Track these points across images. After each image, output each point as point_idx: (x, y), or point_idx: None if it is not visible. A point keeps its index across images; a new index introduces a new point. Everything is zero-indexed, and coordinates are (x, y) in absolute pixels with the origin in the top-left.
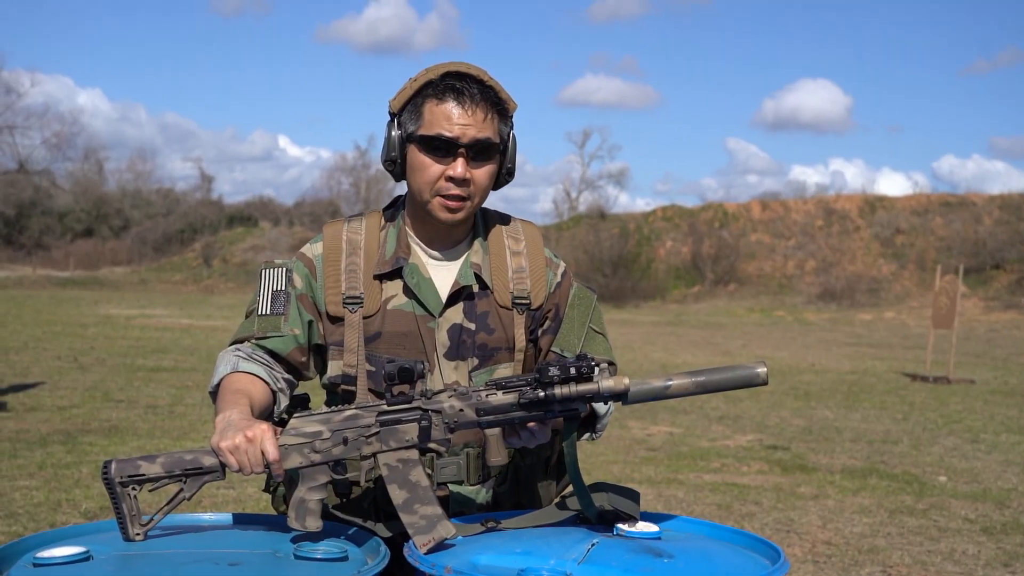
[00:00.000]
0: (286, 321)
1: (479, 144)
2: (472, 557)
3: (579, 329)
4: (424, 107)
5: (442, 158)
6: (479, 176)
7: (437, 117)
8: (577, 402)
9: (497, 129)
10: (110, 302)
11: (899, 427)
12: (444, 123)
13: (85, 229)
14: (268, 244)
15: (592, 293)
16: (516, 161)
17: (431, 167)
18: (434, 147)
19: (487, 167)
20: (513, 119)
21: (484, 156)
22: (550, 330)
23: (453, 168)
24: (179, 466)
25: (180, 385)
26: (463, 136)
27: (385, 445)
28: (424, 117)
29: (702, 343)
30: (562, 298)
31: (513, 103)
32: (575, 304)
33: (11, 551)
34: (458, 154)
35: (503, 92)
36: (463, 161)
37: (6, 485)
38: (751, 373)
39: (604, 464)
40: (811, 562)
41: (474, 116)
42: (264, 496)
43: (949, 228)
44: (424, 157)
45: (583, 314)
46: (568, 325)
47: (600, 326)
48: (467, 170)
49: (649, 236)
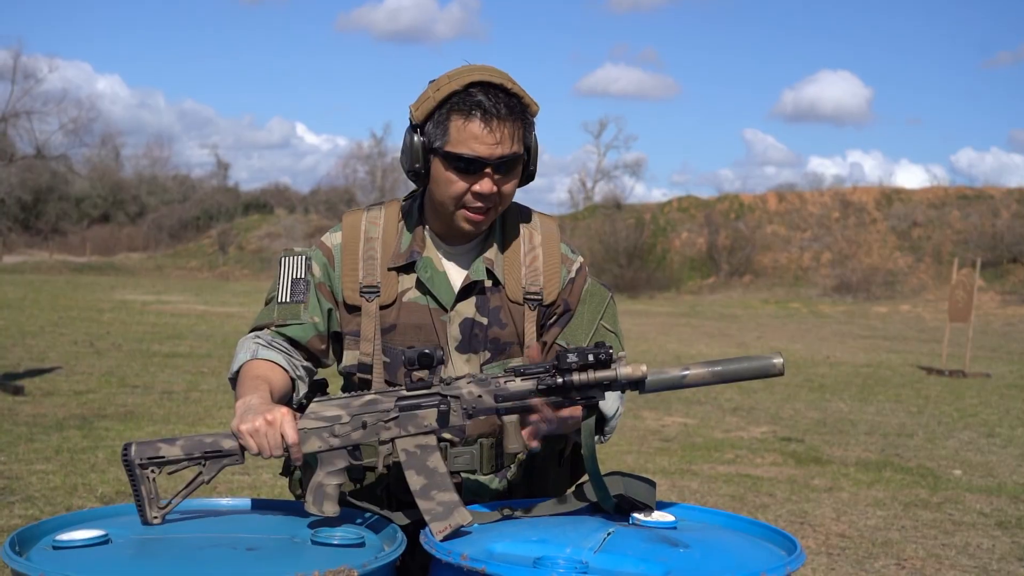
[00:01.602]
0: (306, 309)
1: (506, 161)
2: (488, 545)
3: (588, 325)
4: (450, 123)
5: (469, 175)
6: (506, 189)
7: (464, 136)
8: (595, 389)
9: (522, 139)
10: (126, 288)
11: (914, 420)
12: (472, 142)
13: (102, 215)
14: (283, 232)
15: (607, 291)
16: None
17: (456, 183)
18: (461, 165)
19: (513, 179)
20: (535, 120)
21: (509, 169)
22: (558, 323)
23: (481, 185)
24: (199, 449)
25: (195, 371)
26: (491, 156)
27: (404, 430)
28: (450, 133)
29: (717, 334)
30: (574, 294)
31: (535, 106)
32: (587, 300)
33: (30, 534)
34: (485, 173)
35: (526, 97)
36: (490, 179)
37: (23, 469)
38: (767, 363)
39: (618, 454)
40: (825, 554)
41: (502, 134)
42: (280, 482)
43: (966, 221)
44: (450, 173)
45: (594, 310)
46: (577, 320)
47: (613, 324)
48: (493, 185)
49: (665, 227)
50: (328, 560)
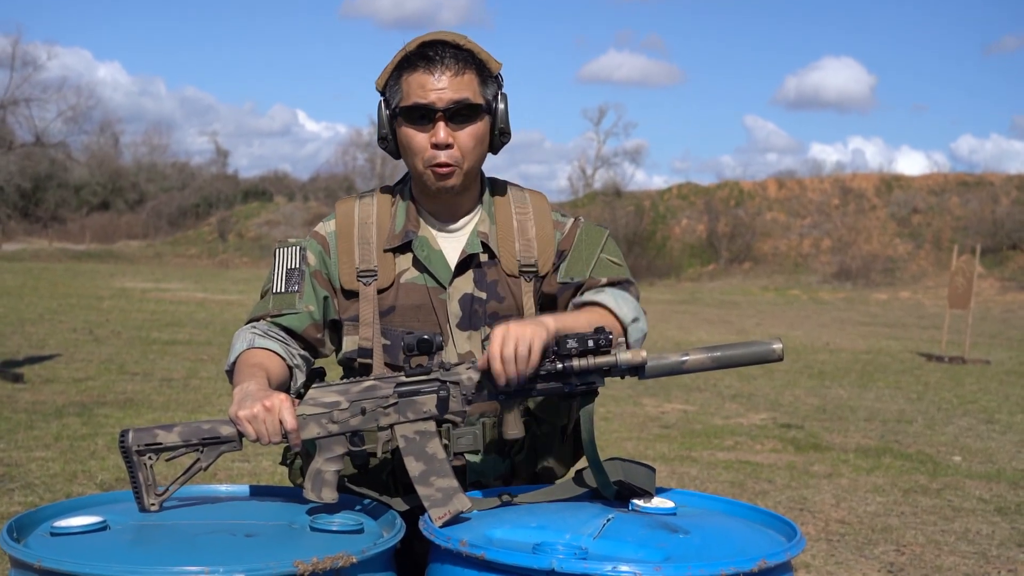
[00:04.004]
0: (301, 298)
1: (456, 105)
2: (487, 531)
3: (588, 257)
4: (401, 79)
5: (424, 127)
6: (462, 138)
7: (412, 87)
8: (595, 375)
9: (477, 90)
10: (125, 275)
11: (914, 407)
12: (419, 91)
13: (101, 202)
14: (283, 219)
15: (604, 229)
16: (531, 135)
17: (415, 137)
18: (415, 117)
19: (469, 128)
20: (500, 79)
21: (464, 117)
22: (556, 269)
23: (435, 134)
24: (196, 435)
25: (195, 358)
26: (439, 100)
27: (403, 416)
28: (403, 90)
29: (717, 321)
30: (567, 240)
31: (496, 62)
32: (582, 237)
33: (28, 520)
34: (436, 119)
35: (483, 53)
36: (443, 125)
37: (22, 456)
38: (767, 349)
39: (618, 441)
40: (824, 540)
41: (447, 79)
42: (279, 470)
43: (966, 208)
44: (408, 129)
45: (592, 244)
46: (575, 253)
47: (617, 256)
48: (449, 134)
49: (664, 214)
50: (326, 546)
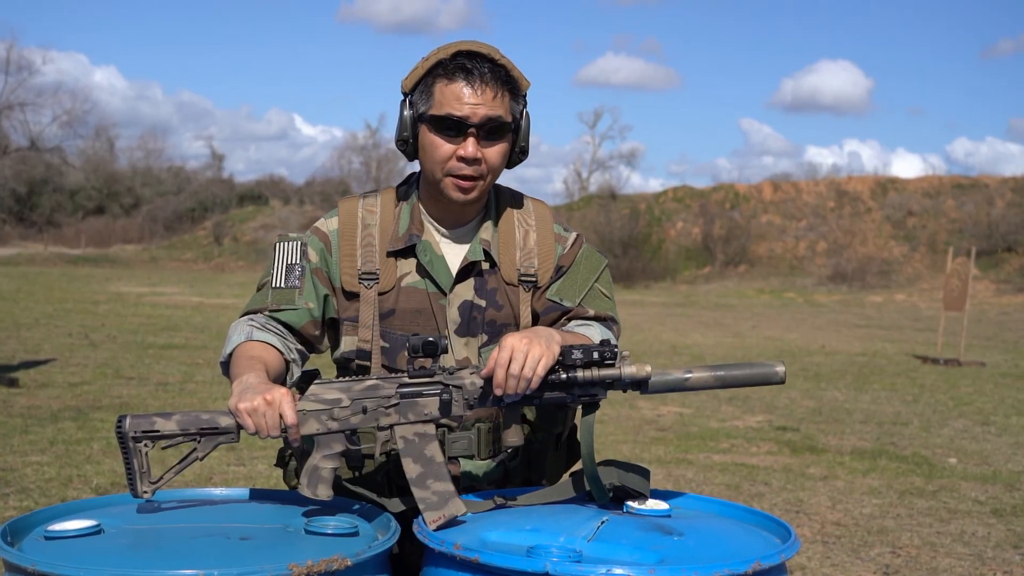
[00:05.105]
0: (301, 294)
1: (490, 123)
2: (482, 534)
3: (582, 283)
4: (435, 87)
5: (453, 138)
6: (490, 155)
7: (447, 97)
8: (598, 387)
9: (509, 108)
10: (121, 279)
11: (909, 409)
12: (454, 103)
13: (96, 207)
14: (278, 223)
15: (603, 258)
16: (530, 140)
17: (442, 147)
18: (445, 127)
19: (498, 146)
20: (527, 97)
21: (495, 135)
22: (551, 285)
23: (464, 148)
24: (195, 425)
25: (191, 362)
26: (473, 116)
27: (403, 417)
28: (435, 97)
29: (712, 324)
30: (568, 257)
31: (526, 81)
32: (581, 260)
33: (22, 524)
34: (468, 134)
35: (515, 70)
36: (473, 140)
37: (18, 461)
38: (770, 371)
39: (614, 444)
40: (820, 542)
41: (484, 95)
42: (275, 473)
43: (961, 210)
44: (435, 137)
45: (589, 270)
46: (571, 276)
47: (608, 289)
48: (478, 149)
49: (660, 217)
50: (322, 549)
